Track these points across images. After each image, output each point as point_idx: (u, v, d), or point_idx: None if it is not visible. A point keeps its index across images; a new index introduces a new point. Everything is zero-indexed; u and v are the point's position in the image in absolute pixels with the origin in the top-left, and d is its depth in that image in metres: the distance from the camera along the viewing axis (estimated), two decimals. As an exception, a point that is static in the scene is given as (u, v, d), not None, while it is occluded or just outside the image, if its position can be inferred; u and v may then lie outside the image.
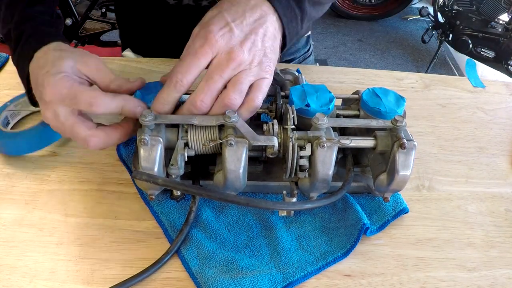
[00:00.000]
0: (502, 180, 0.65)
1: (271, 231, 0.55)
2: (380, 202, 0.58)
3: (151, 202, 0.57)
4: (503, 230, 0.58)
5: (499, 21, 2.24)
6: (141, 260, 0.52)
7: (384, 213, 0.57)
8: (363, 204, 0.59)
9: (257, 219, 0.57)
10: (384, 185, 0.54)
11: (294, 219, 0.56)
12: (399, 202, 0.58)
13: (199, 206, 0.56)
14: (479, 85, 0.82)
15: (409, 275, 0.52)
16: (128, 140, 0.61)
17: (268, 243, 0.54)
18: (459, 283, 0.52)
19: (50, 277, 0.50)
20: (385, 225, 0.56)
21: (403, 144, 0.50)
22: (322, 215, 0.57)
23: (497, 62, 2.26)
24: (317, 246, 0.54)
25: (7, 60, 0.79)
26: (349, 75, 0.82)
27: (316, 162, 0.50)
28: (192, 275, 0.50)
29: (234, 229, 0.55)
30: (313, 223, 0.56)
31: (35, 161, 0.62)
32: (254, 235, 0.55)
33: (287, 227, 0.56)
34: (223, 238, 0.54)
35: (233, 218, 0.56)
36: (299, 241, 0.54)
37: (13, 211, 0.56)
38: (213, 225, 0.55)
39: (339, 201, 0.57)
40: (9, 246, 0.52)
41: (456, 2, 2.33)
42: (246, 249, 0.53)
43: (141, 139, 0.48)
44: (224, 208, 0.57)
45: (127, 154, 0.63)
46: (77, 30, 2.11)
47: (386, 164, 0.53)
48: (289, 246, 0.53)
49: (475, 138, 0.71)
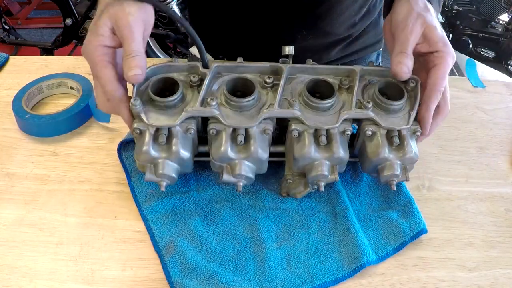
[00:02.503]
0: (502, 180, 0.65)
1: (260, 247, 0.53)
2: (397, 223, 0.55)
3: (142, 205, 0.56)
4: (503, 230, 0.58)
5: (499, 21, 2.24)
6: (141, 260, 0.52)
7: (402, 234, 0.54)
8: (380, 224, 0.56)
9: (248, 233, 0.54)
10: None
11: (287, 236, 0.54)
12: (417, 223, 0.55)
13: (189, 215, 0.55)
14: (479, 85, 0.82)
15: (409, 275, 0.52)
16: (127, 143, 0.61)
17: (255, 259, 0.52)
18: (459, 283, 0.52)
19: (50, 277, 0.50)
20: (402, 246, 0.54)
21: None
22: (318, 234, 0.55)
23: (497, 62, 2.26)
24: (305, 267, 0.51)
25: (7, 60, 0.79)
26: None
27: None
28: (171, 284, 0.49)
29: (223, 241, 0.54)
30: (306, 243, 0.54)
31: (35, 161, 0.62)
32: (242, 248, 0.53)
33: (278, 244, 0.53)
34: (209, 249, 0.52)
35: (224, 229, 0.55)
36: (288, 260, 0.52)
37: (13, 211, 0.56)
38: (201, 235, 0.53)
39: (340, 224, 0.55)
40: (9, 246, 0.52)
41: (456, 2, 2.33)
42: (231, 262, 0.51)
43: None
44: (216, 217, 0.56)
45: (127, 155, 0.62)
46: (77, 30, 2.10)
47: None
48: (276, 265, 0.51)
49: (475, 138, 0.71)
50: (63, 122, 0.66)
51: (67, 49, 2.19)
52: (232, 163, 0.52)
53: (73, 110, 0.67)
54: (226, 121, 0.51)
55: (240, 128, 0.51)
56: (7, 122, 0.68)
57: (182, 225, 0.54)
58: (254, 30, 0.80)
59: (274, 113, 0.52)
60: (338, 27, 0.80)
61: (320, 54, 0.84)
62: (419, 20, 0.52)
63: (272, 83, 0.54)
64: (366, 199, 0.59)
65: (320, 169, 0.52)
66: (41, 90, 0.72)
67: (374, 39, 0.88)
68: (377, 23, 0.87)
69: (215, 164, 0.53)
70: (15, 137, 0.66)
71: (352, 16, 0.80)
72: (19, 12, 2.80)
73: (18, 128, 0.67)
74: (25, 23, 2.81)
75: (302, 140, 0.52)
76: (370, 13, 0.83)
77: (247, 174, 0.52)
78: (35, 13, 2.96)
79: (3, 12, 2.44)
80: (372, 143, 0.53)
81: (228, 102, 0.52)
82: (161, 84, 0.54)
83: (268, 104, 0.53)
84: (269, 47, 0.83)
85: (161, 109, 0.51)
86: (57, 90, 0.74)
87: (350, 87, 0.55)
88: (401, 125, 0.53)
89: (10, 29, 2.35)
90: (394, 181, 0.54)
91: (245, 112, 0.52)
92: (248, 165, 0.52)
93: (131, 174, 0.60)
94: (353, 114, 0.52)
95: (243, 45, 0.84)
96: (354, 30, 0.83)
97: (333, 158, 0.52)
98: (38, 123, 0.65)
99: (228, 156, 0.51)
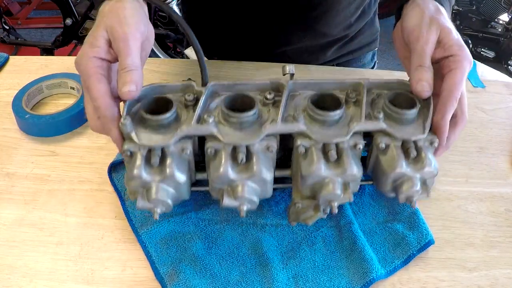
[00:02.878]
0: (502, 180, 0.65)
1: (266, 268, 0.51)
2: (404, 235, 0.54)
3: (139, 230, 0.54)
4: (503, 230, 0.58)
5: (499, 21, 2.24)
6: (141, 260, 0.52)
7: (409, 247, 0.53)
8: (386, 237, 0.55)
9: (252, 253, 0.53)
10: None
11: (292, 254, 0.53)
12: (424, 234, 0.54)
13: (189, 238, 0.53)
14: (479, 85, 0.82)
15: (409, 275, 0.52)
16: (118, 165, 0.60)
17: (262, 281, 0.50)
18: (459, 283, 0.52)
19: (50, 277, 0.50)
20: (409, 259, 0.53)
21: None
22: (324, 250, 0.53)
23: (497, 62, 2.26)
24: (314, 286, 0.50)
25: (7, 60, 0.79)
26: (349, 75, 0.82)
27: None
28: None
29: (227, 263, 0.52)
30: (313, 260, 0.52)
31: (35, 161, 0.62)
32: (248, 270, 0.51)
33: (284, 264, 0.52)
34: (213, 273, 0.50)
35: (227, 250, 0.53)
36: (296, 280, 0.50)
37: (13, 211, 0.56)
38: (203, 259, 0.51)
39: (345, 238, 0.54)
40: (9, 246, 0.52)
41: (456, 2, 2.33)
42: (237, 286, 0.50)
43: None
44: (217, 239, 0.54)
45: (119, 177, 0.60)
46: (77, 30, 2.11)
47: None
48: (284, 285, 0.50)
49: (475, 138, 0.71)
50: (63, 122, 0.66)
51: (67, 49, 2.19)
52: (233, 184, 0.48)
53: (73, 110, 0.67)
54: (225, 138, 0.47)
55: (240, 146, 0.47)
56: (7, 122, 0.68)
57: (183, 250, 0.52)
58: (250, 32, 0.80)
59: (277, 128, 0.48)
60: (334, 28, 0.80)
61: (316, 54, 0.84)
62: (433, 26, 0.49)
63: (273, 100, 0.51)
64: (370, 210, 0.58)
65: (332, 187, 0.47)
66: (41, 90, 0.72)
67: (370, 39, 0.88)
68: (372, 23, 0.87)
69: (214, 188, 0.49)
70: (15, 137, 0.66)
71: (348, 17, 0.80)
72: (19, 12, 2.80)
73: (18, 128, 0.67)
74: (25, 23, 2.81)
75: (309, 156, 0.48)
76: (365, 13, 0.83)
77: (250, 197, 0.47)
78: (35, 13, 2.96)
79: (3, 12, 2.44)
80: (387, 156, 0.49)
81: (227, 119, 0.48)
82: (154, 104, 0.50)
83: (271, 120, 0.49)
84: (264, 48, 0.83)
85: (154, 128, 0.47)
86: (57, 90, 0.74)
87: (357, 101, 0.52)
88: (416, 134, 0.49)
89: (10, 29, 2.35)
90: (415, 197, 0.50)
91: (245, 128, 0.48)
92: (251, 186, 0.48)
93: (124, 197, 0.57)
94: (363, 125, 0.48)
95: (239, 46, 0.84)
96: (350, 30, 0.83)
97: (345, 175, 0.48)
98: (38, 123, 0.65)
99: (228, 177, 0.47)
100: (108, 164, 0.61)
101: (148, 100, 0.50)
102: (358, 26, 0.84)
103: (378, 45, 0.92)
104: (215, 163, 0.47)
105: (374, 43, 0.90)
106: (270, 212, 0.57)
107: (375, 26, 0.89)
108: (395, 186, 0.50)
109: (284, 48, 0.82)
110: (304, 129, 0.48)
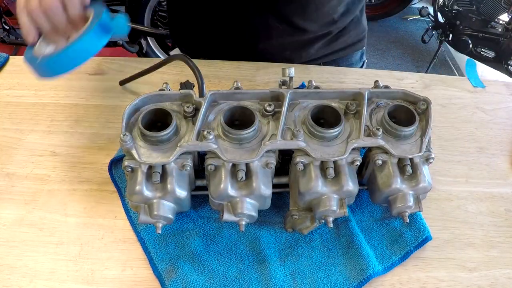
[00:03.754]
0: (502, 180, 0.65)
1: (264, 265, 0.52)
2: (401, 231, 0.55)
3: (138, 227, 0.54)
4: (503, 230, 0.58)
5: (499, 21, 2.24)
6: (140, 260, 0.52)
7: (406, 243, 0.54)
8: (383, 233, 0.55)
9: (250, 250, 0.53)
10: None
11: (289, 251, 0.53)
12: (421, 230, 0.55)
13: (187, 235, 0.53)
14: (479, 85, 0.82)
15: (409, 275, 0.52)
16: (118, 162, 0.60)
17: (260, 278, 0.51)
18: (459, 283, 0.52)
19: (50, 277, 0.50)
20: (407, 256, 0.53)
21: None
22: (321, 247, 0.54)
23: (497, 62, 2.26)
24: (311, 283, 0.51)
25: (7, 60, 0.79)
26: (349, 75, 0.82)
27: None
28: None
29: (225, 260, 0.52)
30: (310, 257, 0.53)
31: (35, 161, 0.62)
32: (245, 267, 0.52)
33: (281, 261, 0.52)
34: (211, 270, 0.51)
35: (225, 248, 0.53)
36: (293, 277, 0.51)
37: (13, 211, 0.56)
38: (201, 256, 0.52)
39: (342, 235, 0.54)
40: (9, 246, 0.52)
41: (456, 2, 2.33)
42: (235, 282, 0.50)
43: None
44: (216, 236, 0.54)
45: (119, 173, 0.60)
46: (77, 30, 2.11)
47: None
48: (282, 282, 0.50)
49: (475, 138, 0.71)
50: (78, 51, 0.54)
51: (67, 49, 2.19)
52: (233, 201, 0.49)
53: (85, 33, 0.54)
54: (225, 156, 0.47)
55: (240, 163, 0.48)
56: (7, 122, 0.68)
57: (181, 247, 0.53)
58: (230, 24, 0.79)
59: (277, 145, 0.48)
60: (314, 23, 0.80)
61: (299, 51, 0.83)
62: None
63: (273, 111, 0.51)
64: (368, 208, 0.58)
65: (328, 204, 0.49)
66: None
67: (356, 38, 0.88)
68: (358, 22, 0.87)
69: (214, 202, 0.50)
70: (15, 137, 0.66)
71: (330, 14, 0.80)
72: (19, 12, 2.80)
73: (18, 128, 0.67)
74: (25, 23, 2.81)
75: (308, 174, 0.49)
76: (350, 11, 0.83)
77: (249, 213, 0.49)
78: (35, 13, 2.95)
79: (3, 12, 2.44)
80: (383, 173, 0.50)
81: (226, 134, 0.49)
82: (152, 116, 0.50)
83: (270, 135, 0.49)
84: (246, 43, 0.82)
85: (153, 144, 0.48)
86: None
87: (357, 112, 0.52)
88: (413, 152, 0.50)
89: (10, 29, 2.35)
90: (407, 212, 0.51)
91: (245, 144, 0.49)
92: (250, 203, 0.49)
93: (124, 194, 0.58)
94: (362, 143, 0.49)
95: (221, 43, 0.84)
96: (333, 27, 0.82)
97: (342, 192, 0.49)
98: (53, 61, 0.54)
99: (228, 194, 0.48)
100: (108, 164, 0.61)
101: (147, 111, 0.50)
102: (343, 24, 0.83)
103: (365, 45, 0.91)
104: (216, 180, 0.48)
105: (361, 42, 0.89)
106: (268, 209, 0.57)
107: (362, 25, 0.88)
108: (388, 200, 0.52)
109: (265, 43, 0.81)
110: (303, 146, 0.48)
